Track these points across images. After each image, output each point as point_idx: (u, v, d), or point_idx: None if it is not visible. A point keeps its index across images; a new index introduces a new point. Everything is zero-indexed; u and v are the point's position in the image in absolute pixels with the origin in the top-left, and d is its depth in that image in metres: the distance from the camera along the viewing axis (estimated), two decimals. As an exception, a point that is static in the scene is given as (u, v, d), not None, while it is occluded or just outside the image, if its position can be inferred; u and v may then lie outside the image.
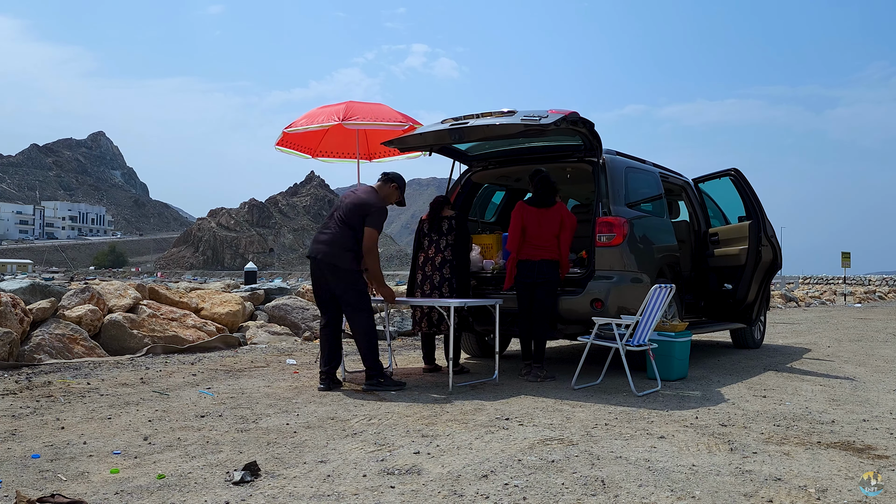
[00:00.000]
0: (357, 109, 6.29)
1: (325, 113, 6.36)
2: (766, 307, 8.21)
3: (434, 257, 5.94)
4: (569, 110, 5.41)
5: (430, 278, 5.92)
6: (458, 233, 5.98)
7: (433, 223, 6.06)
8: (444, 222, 6.02)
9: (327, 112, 6.35)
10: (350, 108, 6.28)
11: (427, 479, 3.03)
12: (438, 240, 5.97)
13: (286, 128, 6.58)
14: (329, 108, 6.47)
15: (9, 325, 6.19)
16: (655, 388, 5.27)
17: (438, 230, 6.00)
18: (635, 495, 2.83)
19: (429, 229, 6.06)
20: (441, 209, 6.09)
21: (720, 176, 7.78)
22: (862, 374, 6.35)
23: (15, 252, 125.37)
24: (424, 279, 5.95)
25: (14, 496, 2.67)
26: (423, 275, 5.96)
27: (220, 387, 5.30)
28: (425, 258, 5.99)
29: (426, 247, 6.03)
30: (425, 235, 6.07)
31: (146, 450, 3.47)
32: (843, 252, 26.81)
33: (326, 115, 6.31)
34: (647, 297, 5.28)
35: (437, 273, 5.90)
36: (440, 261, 5.91)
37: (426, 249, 6.02)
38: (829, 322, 13.83)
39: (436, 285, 5.88)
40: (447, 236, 5.95)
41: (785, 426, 4.12)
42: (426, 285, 5.92)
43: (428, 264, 5.96)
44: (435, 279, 5.89)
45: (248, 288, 10.42)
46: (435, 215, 6.08)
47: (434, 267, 5.92)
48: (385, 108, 6.51)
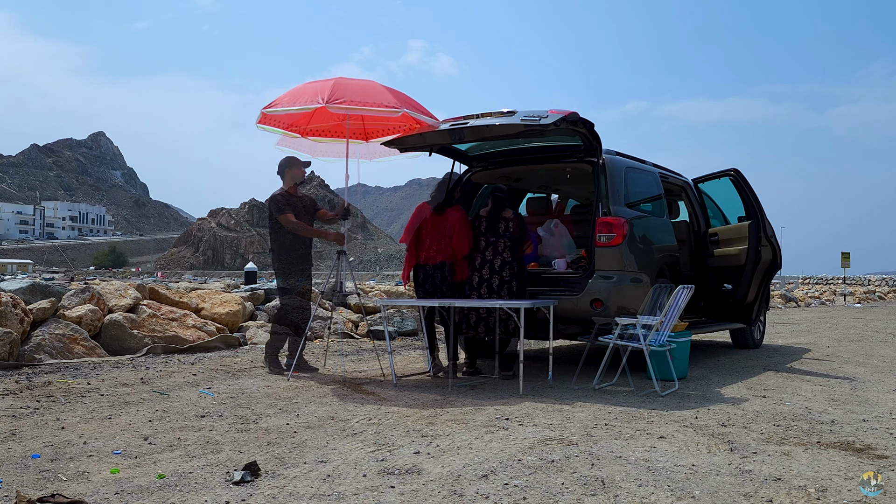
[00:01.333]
0: (345, 89, 5.57)
1: (309, 92, 5.66)
2: (765, 307, 8.22)
3: (493, 259, 5.74)
4: (568, 110, 5.42)
5: (487, 281, 5.72)
6: (518, 235, 5.79)
7: (491, 224, 5.82)
8: (501, 223, 5.80)
9: (312, 91, 5.65)
10: (337, 86, 5.57)
11: (427, 479, 3.03)
12: (496, 242, 5.76)
13: (265, 107, 5.85)
14: (315, 84, 5.78)
15: (9, 325, 6.19)
16: (674, 388, 5.27)
17: (496, 231, 5.78)
18: (635, 495, 2.83)
19: (486, 229, 5.82)
20: (502, 209, 5.85)
21: (720, 176, 7.79)
22: (862, 374, 6.35)
23: (15, 252, 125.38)
24: (482, 282, 5.73)
25: (14, 496, 2.67)
26: (480, 277, 5.75)
27: (221, 387, 5.30)
28: (482, 260, 5.77)
29: (482, 247, 5.79)
30: (481, 235, 5.82)
31: (146, 450, 3.47)
32: (842, 252, 26.80)
33: (310, 96, 5.59)
34: (671, 298, 5.30)
35: (495, 276, 5.70)
36: (500, 263, 5.72)
37: (483, 250, 5.78)
38: (829, 322, 13.83)
39: (494, 289, 5.69)
40: (504, 238, 5.75)
41: (785, 426, 4.13)
42: (483, 288, 5.72)
43: (486, 267, 5.75)
44: (494, 283, 5.70)
45: (249, 288, 10.44)
46: (495, 215, 5.83)
47: (493, 270, 5.72)
48: (377, 87, 5.77)
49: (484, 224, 5.84)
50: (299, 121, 6.39)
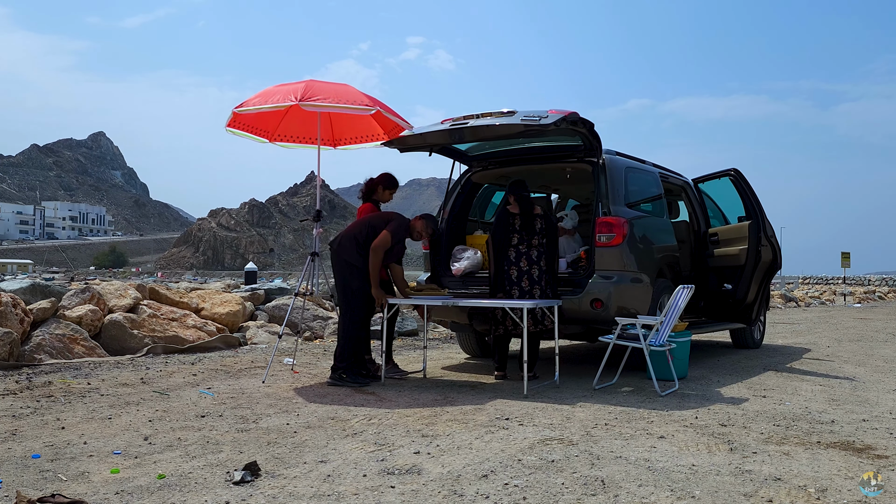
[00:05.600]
0: (318, 89, 5.48)
1: (281, 92, 5.54)
2: (765, 307, 8.21)
3: (529, 252, 5.69)
4: (568, 110, 5.42)
5: (527, 273, 5.66)
6: (551, 232, 5.76)
7: (525, 221, 5.74)
8: (536, 221, 5.76)
9: (284, 91, 5.54)
10: (310, 87, 5.48)
11: (427, 478, 3.03)
12: (530, 238, 5.72)
13: (236, 107, 5.70)
14: (287, 86, 5.66)
15: (9, 325, 6.20)
16: (674, 388, 5.27)
17: (531, 229, 5.73)
18: (635, 495, 2.84)
19: (521, 226, 5.74)
20: (534, 206, 5.81)
21: (720, 176, 7.79)
22: (861, 374, 6.36)
23: (15, 252, 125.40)
24: (521, 275, 5.66)
25: (14, 496, 2.67)
26: (520, 270, 5.67)
27: (221, 387, 5.30)
28: (517, 253, 5.70)
29: (516, 242, 5.72)
30: (515, 232, 5.74)
31: (146, 450, 3.47)
32: (842, 252, 26.80)
33: (283, 95, 5.46)
34: (672, 298, 5.29)
35: (534, 266, 5.66)
36: (536, 255, 5.69)
37: (516, 245, 5.72)
38: (829, 322, 13.83)
39: (535, 280, 5.63)
40: (538, 235, 5.72)
41: (785, 426, 4.13)
42: (524, 280, 5.64)
43: (523, 259, 5.68)
44: (534, 273, 5.65)
45: (249, 288, 10.44)
46: (528, 212, 5.76)
47: (531, 261, 5.67)
48: (350, 89, 5.69)
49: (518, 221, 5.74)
50: (268, 125, 6.27)
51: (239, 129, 6.07)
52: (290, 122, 6.27)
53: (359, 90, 5.77)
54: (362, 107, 5.48)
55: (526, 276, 5.63)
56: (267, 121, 6.19)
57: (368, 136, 6.44)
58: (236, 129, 6.05)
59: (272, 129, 6.33)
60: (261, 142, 6.30)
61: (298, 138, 6.45)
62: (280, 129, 6.35)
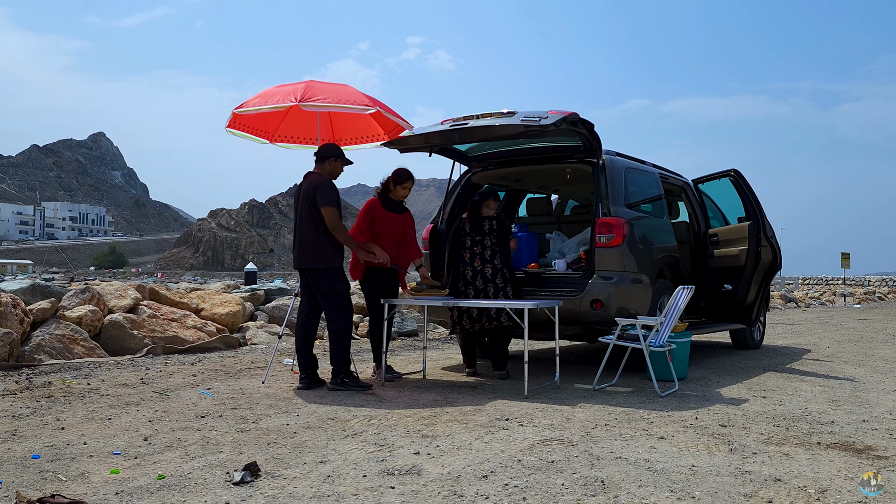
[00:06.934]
0: (318, 89, 5.49)
1: (281, 92, 5.55)
2: (765, 308, 8.22)
3: (482, 252, 5.84)
4: (568, 111, 5.43)
5: (481, 272, 5.79)
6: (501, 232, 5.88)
7: (474, 223, 5.90)
8: (485, 222, 5.89)
9: (284, 91, 5.54)
10: (310, 87, 5.48)
11: (427, 479, 3.03)
12: (482, 239, 5.86)
13: (236, 108, 5.72)
14: (286, 87, 5.68)
15: (9, 325, 6.19)
16: (674, 389, 5.27)
17: (480, 229, 5.88)
18: (635, 496, 2.84)
19: (471, 228, 5.91)
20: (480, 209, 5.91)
21: (720, 177, 7.80)
22: (861, 375, 6.36)
23: (15, 252, 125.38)
24: (475, 274, 5.81)
25: (14, 496, 2.67)
26: (474, 270, 5.82)
27: (221, 387, 5.30)
28: (472, 254, 5.86)
29: (469, 245, 5.89)
30: (466, 235, 5.91)
31: (146, 450, 3.47)
32: (842, 253, 26.84)
33: (283, 95, 5.47)
34: (671, 298, 5.30)
35: (488, 265, 5.80)
36: (489, 254, 5.83)
37: (470, 247, 5.89)
38: (829, 323, 13.83)
39: (489, 278, 5.76)
40: (489, 235, 5.86)
41: (785, 427, 4.13)
42: (478, 280, 5.78)
43: (476, 259, 5.83)
44: (487, 272, 5.78)
45: (249, 288, 10.44)
46: (475, 215, 5.90)
47: (484, 260, 5.82)
48: (350, 89, 5.69)
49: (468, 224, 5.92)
50: (268, 125, 6.26)
51: (239, 130, 6.08)
52: (291, 122, 6.27)
53: (359, 90, 5.75)
54: (362, 106, 5.50)
55: (480, 276, 5.79)
56: (267, 121, 6.19)
57: (369, 137, 6.42)
58: (236, 129, 6.05)
59: (272, 130, 6.33)
60: (261, 142, 6.29)
61: (299, 139, 6.45)
62: (280, 129, 6.35)
